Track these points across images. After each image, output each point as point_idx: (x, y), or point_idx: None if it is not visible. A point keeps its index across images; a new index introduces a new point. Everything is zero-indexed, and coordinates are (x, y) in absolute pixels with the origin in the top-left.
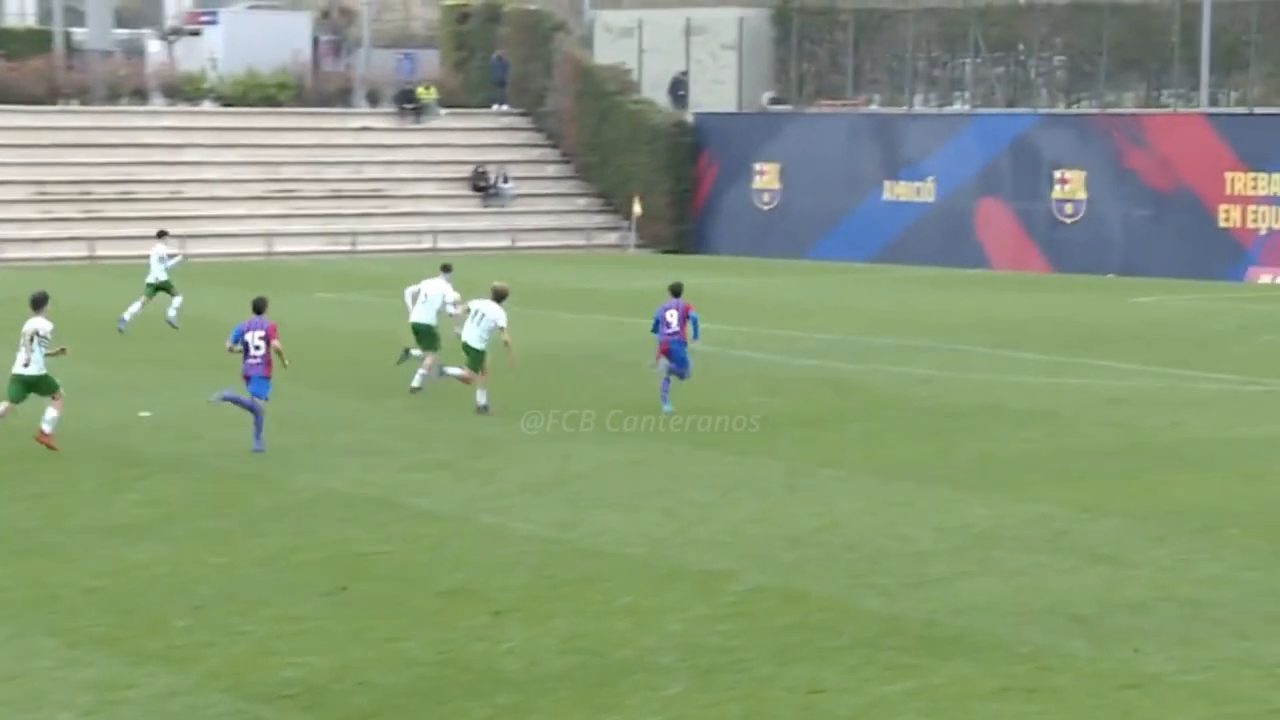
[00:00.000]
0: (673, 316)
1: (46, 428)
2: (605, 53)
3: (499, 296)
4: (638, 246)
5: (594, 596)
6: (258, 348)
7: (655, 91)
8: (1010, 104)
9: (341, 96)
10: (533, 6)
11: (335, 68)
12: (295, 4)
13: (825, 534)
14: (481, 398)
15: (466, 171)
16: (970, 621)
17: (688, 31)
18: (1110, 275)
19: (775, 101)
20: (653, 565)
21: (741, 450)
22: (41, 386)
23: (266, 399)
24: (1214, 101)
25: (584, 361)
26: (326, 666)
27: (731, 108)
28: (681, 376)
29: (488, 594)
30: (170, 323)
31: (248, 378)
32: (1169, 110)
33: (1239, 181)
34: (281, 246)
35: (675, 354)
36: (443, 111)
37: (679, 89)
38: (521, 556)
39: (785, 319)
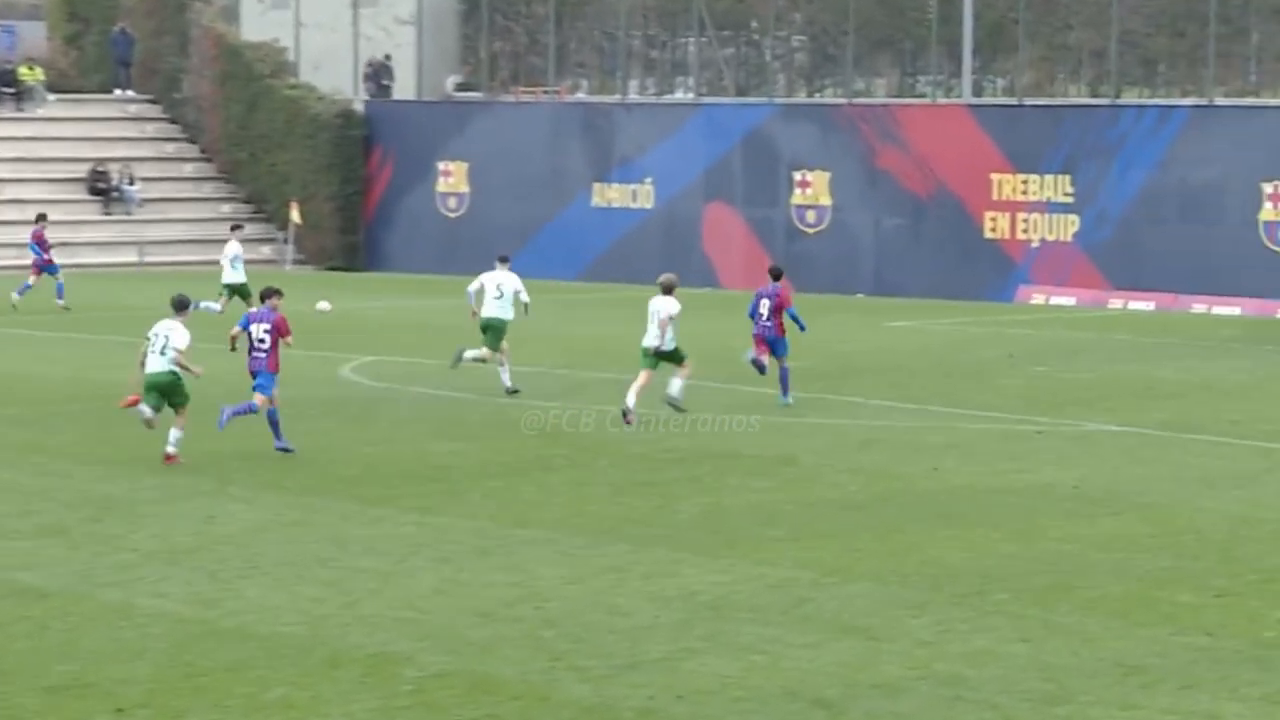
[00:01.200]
0: (766, 307)
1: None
2: (254, 27)
3: (669, 289)
4: (296, 262)
5: (239, 688)
6: (262, 340)
7: (316, 74)
8: (742, 92)
9: None
10: None
11: None
12: None
13: (521, 607)
14: (674, 387)
15: (82, 170)
16: (695, 709)
17: (355, 3)
18: (860, 295)
19: (462, 88)
20: (312, 648)
21: (421, 508)
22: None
23: (270, 396)
24: (978, 91)
25: (225, 401)
26: None
27: (410, 95)
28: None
29: (107, 687)
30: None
31: (254, 373)
32: (926, 101)
33: (1007, 185)
34: None
35: (776, 347)
36: (51, 97)
37: (382, 77)
38: (149, 640)
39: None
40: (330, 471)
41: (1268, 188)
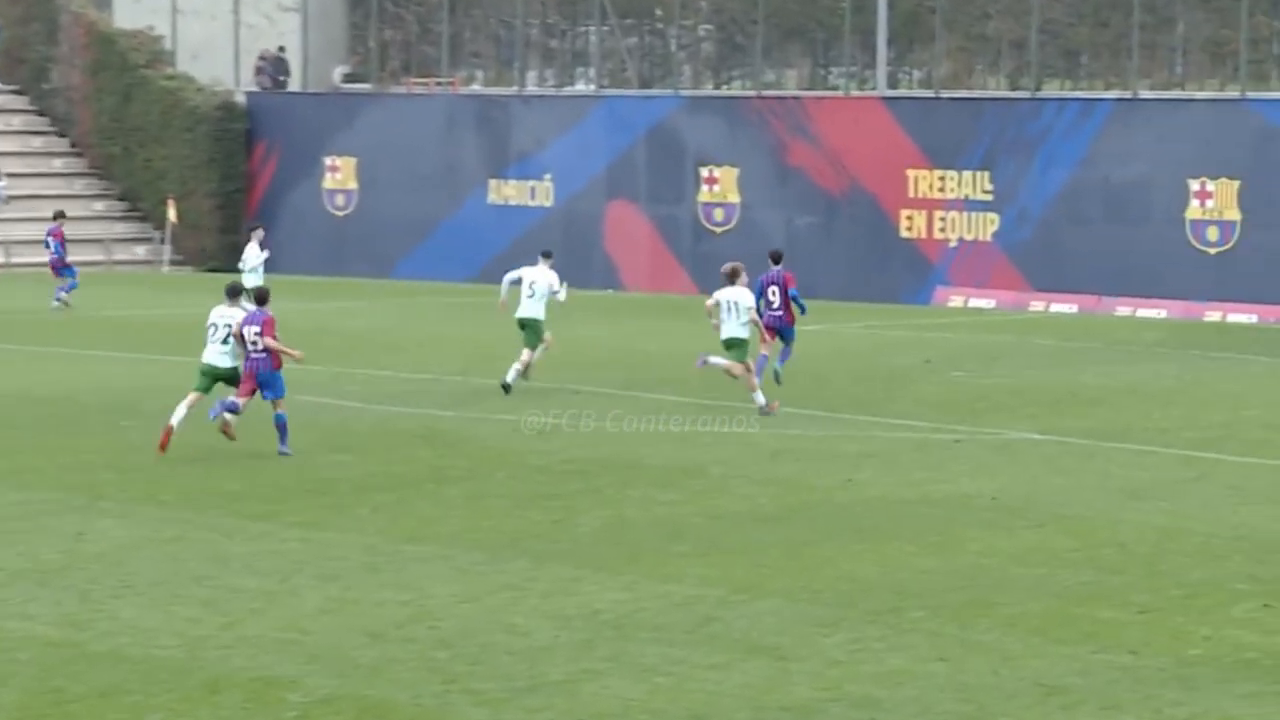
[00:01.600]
0: (775, 294)
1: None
2: (128, 14)
3: (733, 276)
4: (174, 263)
5: (112, 715)
6: (254, 343)
7: (194, 64)
8: (646, 84)
9: None
10: None
11: None
12: None
13: (414, 627)
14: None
15: None
16: None
17: None
18: None
19: (350, 79)
20: (190, 672)
21: (306, 523)
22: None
23: (283, 397)
24: (893, 83)
25: (100, 411)
26: None
27: (295, 86)
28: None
29: None
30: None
31: (254, 376)
32: (839, 93)
33: (924, 181)
34: None
35: (786, 335)
36: None
37: (278, 71)
38: (16, 666)
39: (364, 355)
40: (209, 485)
41: (1194, 185)
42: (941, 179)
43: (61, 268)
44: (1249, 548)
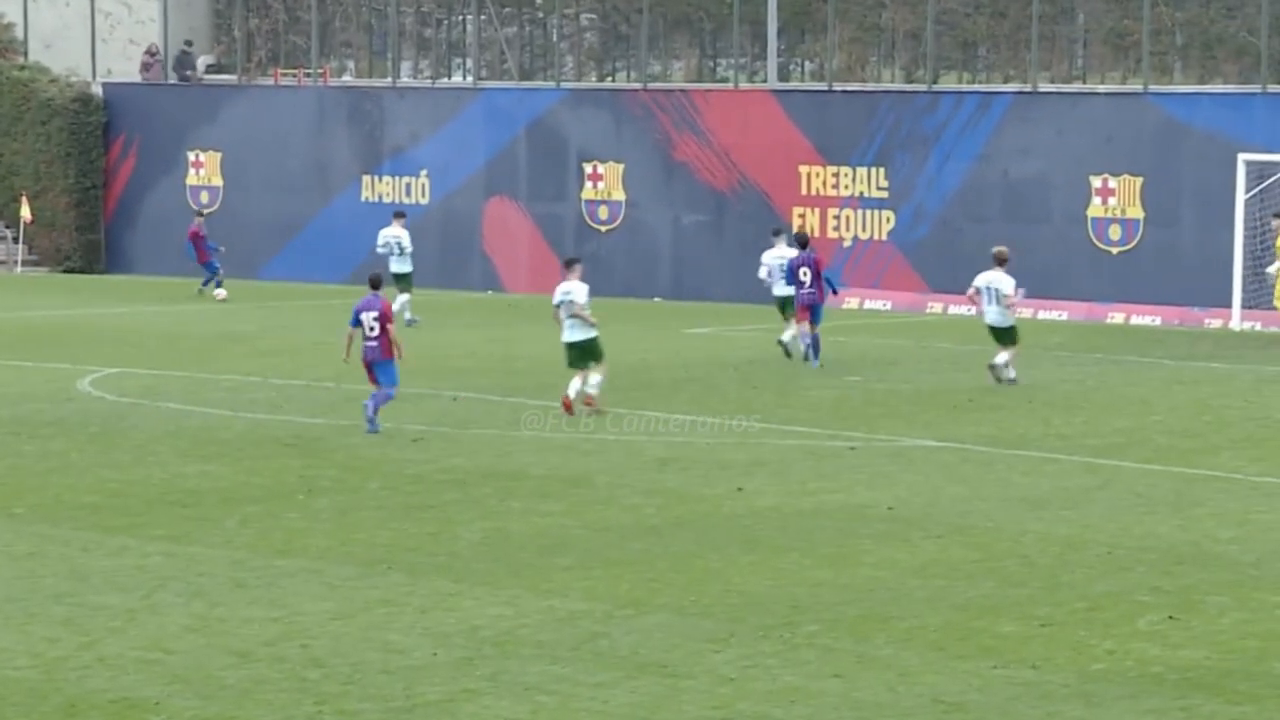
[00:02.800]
0: (806, 274)
1: (593, 391)
2: None
3: (1003, 260)
4: (27, 263)
5: None
6: (372, 329)
7: (48, 53)
8: (526, 76)
9: None
10: None
11: None
12: None
13: (283, 645)
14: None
15: None
16: None
17: None
18: (657, 299)
19: (214, 69)
20: (47, 694)
21: (170, 536)
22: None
23: (395, 387)
24: (784, 75)
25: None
26: None
27: (155, 77)
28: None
29: None
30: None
31: (369, 365)
32: (728, 86)
33: (816, 178)
34: None
35: (816, 313)
36: None
37: (186, 66)
38: None
39: (230, 360)
40: (67, 497)
41: (1096, 181)
42: (835, 175)
43: (205, 264)
44: (1154, 558)
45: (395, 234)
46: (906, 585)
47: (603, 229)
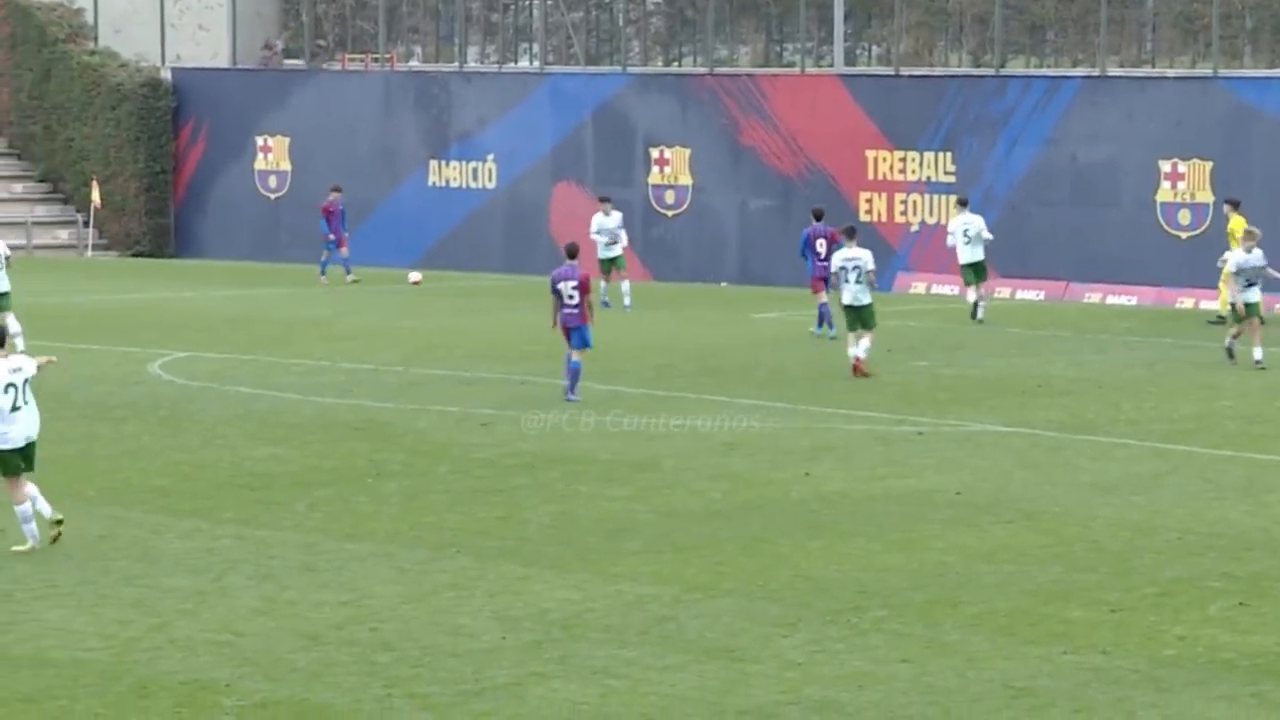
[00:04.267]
0: (823, 246)
1: (862, 355)
2: None
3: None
4: (98, 247)
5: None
6: (571, 296)
7: (118, 38)
8: (592, 61)
9: None
10: None
11: None
12: None
13: (353, 628)
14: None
15: None
16: None
17: None
18: (724, 284)
19: (283, 55)
20: (119, 676)
21: (240, 519)
22: (866, 318)
23: (588, 349)
24: (851, 60)
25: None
26: None
27: (223, 62)
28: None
29: None
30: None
31: (568, 330)
32: (795, 70)
33: (884, 163)
34: None
35: (830, 284)
36: None
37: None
38: None
39: (299, 344)
40: (137, 480)
41: (1165, 166)
42: (902, 160)
43: (328, 243)
44: (1224, 544)
45: (610, 223)
46: (975, 570)
47: (669, 214)
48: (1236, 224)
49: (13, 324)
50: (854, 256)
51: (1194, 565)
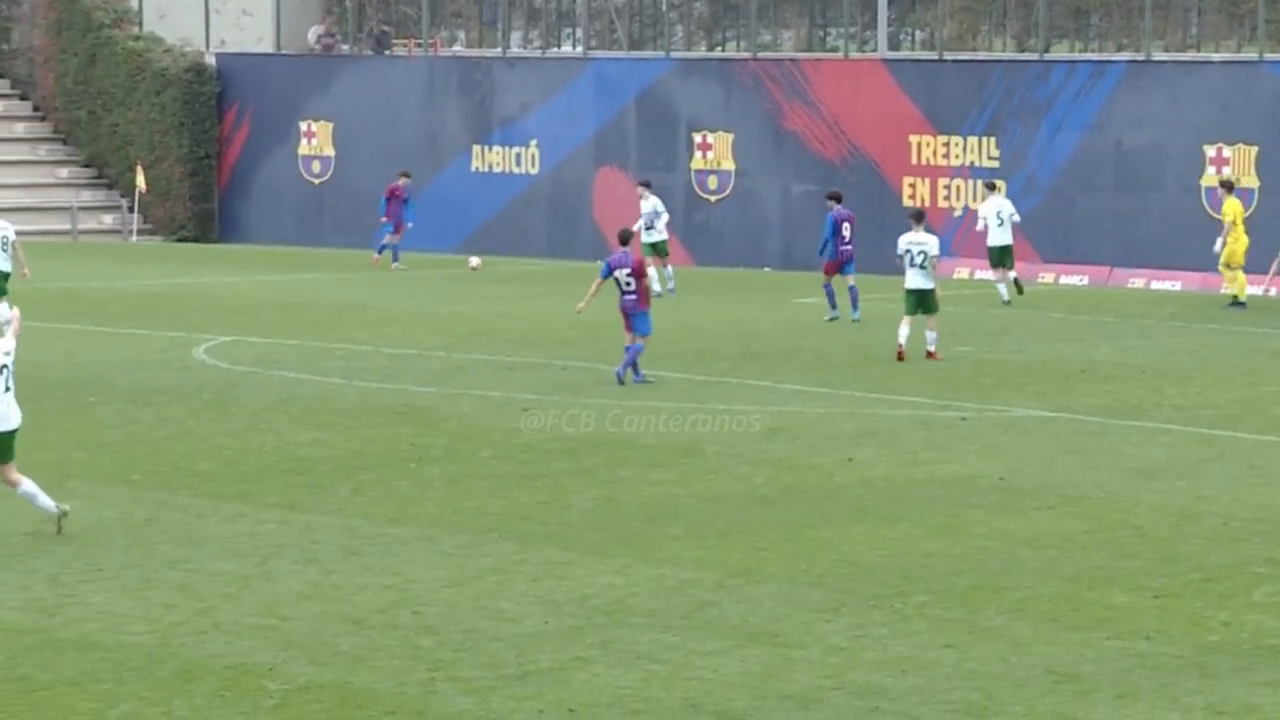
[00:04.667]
0: (848, 229)
1: (931, 347)
2: None
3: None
4: (142, 232)
5: (82, 703)
6: (628, 283)
7: (162, 24)
8: (635, 46)
9: None
10: None
11: None
12: None
13: (396, 612)
14: None
15: None
16: None
17: None
18: (767, 269)
19: (326, 40)
20: (164, 659)
21: (284, 504)
22: (929, 303)
23: (649, 335)
24: (894, 45)
25: (66, 387)
26: None
27: (268, 47)
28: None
29: None
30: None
31: (627, 315)
32: (838, 55)
33: (927, 148)
34: None
35: (847, 268)
36: None
37: (383, 45)
38: None
39: (342, 329)
40: (182, 464)
41: (1210, 151)
42: (946, 145)
43: (385, 225)
44: (1269, 530)
45: (645, 206)
46: (1018, 555)
47: (712, 199)
48: (1230, 207)
49: (3, 311)
50: (920, 241)
51: (1238, 551)
